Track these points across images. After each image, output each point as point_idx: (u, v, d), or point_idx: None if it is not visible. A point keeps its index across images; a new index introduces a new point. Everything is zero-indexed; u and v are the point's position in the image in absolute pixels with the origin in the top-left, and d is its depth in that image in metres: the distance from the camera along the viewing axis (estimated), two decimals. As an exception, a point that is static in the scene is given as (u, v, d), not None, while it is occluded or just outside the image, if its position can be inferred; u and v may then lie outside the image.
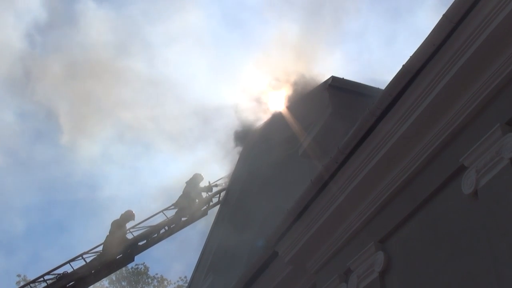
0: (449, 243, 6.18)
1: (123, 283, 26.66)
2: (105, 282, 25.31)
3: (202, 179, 15.64)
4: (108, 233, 14.73)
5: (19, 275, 24.83)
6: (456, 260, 6.04)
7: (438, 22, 6.05)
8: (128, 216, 15.15)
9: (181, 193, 15.53)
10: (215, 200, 15.60)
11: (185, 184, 15.61)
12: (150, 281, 27.28)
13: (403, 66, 6.49)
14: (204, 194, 15.58)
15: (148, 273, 27.32)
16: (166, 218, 15.30)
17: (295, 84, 12.19)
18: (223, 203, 14.80)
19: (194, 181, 15.55)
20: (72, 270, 13.81)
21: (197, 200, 15.43)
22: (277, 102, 12.45)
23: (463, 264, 5.93)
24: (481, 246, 5.73)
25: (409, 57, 6.42)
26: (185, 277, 26.34)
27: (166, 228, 15.20)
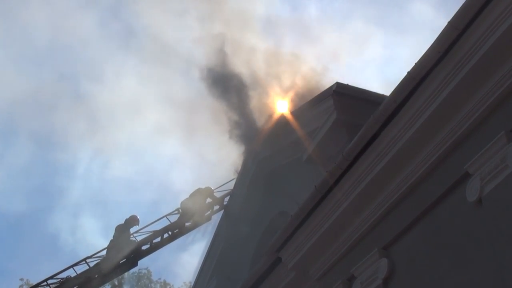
0: (453, 251, 6.17)
1: (125, 288, 26.62)
2: (107, 286, 25.28)
3: (212, 192, 15.61)
4: (112, 238, 14.74)
5: (22, 279, 24.78)
6: (460, 267, 6.02)
7: (443, 30, 6.06)
8: (132, 221, 15.15)
9: (188, 196, 15.52)
10: (219, 205, 15.60)
11: (196, 189, 15.58)
12: (153, 286, 27.20)
13: (408, 72, 6.49)
14: (208, 200, 15.57)
15: (151, 277, 27.28)
16: (169, 223, 15.30)
17: (300, 90, 12.21)
18: (227, 208, 14.80)
19: (204, 192, 15.50)
20: (75, 274, 13.82)
21: (199, 207, 15.41)
22: (282, 107, 12.46)
23: (467, 272, 5.91)
24: (485, 254, 5.72)
25: (414, 64, 6.43)
26: (189, 282, 26.31)
27: (170, 233, 15.18)
